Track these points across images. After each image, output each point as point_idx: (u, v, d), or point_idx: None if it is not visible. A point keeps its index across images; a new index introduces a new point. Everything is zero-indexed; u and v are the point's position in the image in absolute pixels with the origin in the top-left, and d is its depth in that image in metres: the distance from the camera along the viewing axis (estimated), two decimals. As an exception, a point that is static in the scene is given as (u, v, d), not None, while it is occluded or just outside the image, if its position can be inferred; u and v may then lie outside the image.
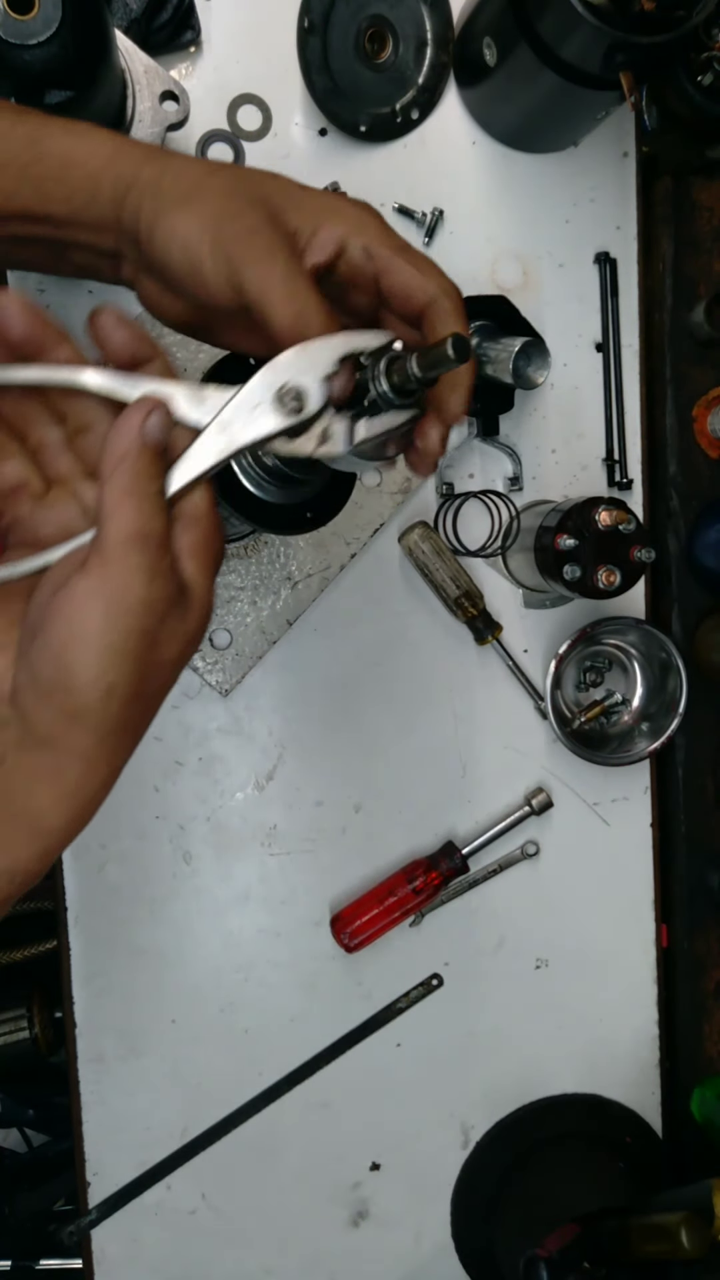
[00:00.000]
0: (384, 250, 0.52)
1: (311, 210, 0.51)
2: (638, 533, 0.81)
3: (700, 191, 0.91)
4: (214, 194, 0.49)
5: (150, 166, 0.50)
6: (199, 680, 0.88)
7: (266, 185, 0.51)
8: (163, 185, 0.50)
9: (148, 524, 0.43)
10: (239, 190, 0.50)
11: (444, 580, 0.88)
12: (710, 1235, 0.75)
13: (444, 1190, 0.95)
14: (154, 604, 0.43)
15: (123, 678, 0.43)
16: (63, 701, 0.43)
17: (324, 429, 0.48)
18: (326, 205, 0.52)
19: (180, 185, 0.49)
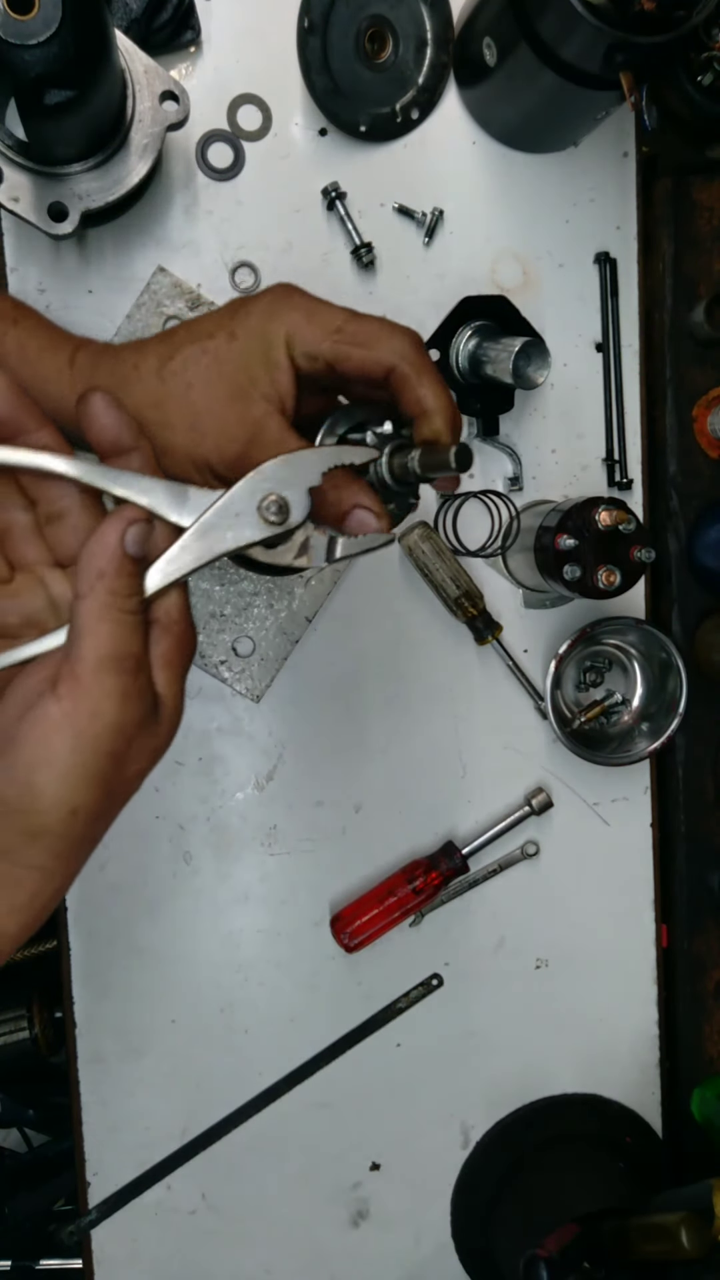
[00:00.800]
0: (321, 345, 0.52)
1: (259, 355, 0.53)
2: (638, 533, 0.81)
3: (700, 191, 0.91)
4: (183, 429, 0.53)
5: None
6: (228, 689, 0.88)
7: (220, 366, 0.53)
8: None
9: (123, 645, 0.42)
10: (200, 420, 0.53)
11: (444, 580, 0.88)
12: (710, 1235, 0.75)
13: (444, 1190, 0.95)
14: (125, 727, 0.42)
15: (88, 800, 0.42)
16: (24, 823, 0.42)
17: (304, 540, 0.48)
18: (258, 336, 0.53)
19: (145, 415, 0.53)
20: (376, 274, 0.87)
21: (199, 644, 0.86)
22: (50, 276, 0.83)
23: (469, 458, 0.49)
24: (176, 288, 0.83)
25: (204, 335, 0.54)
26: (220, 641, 0.87)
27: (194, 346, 0.54)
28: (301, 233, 0.86)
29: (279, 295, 0.53)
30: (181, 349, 0.54)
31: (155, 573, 0.44)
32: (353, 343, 0.51)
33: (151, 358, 0.55)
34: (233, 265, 0.86)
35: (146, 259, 0.85)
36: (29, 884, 0.43)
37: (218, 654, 0.87)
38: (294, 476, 0.46)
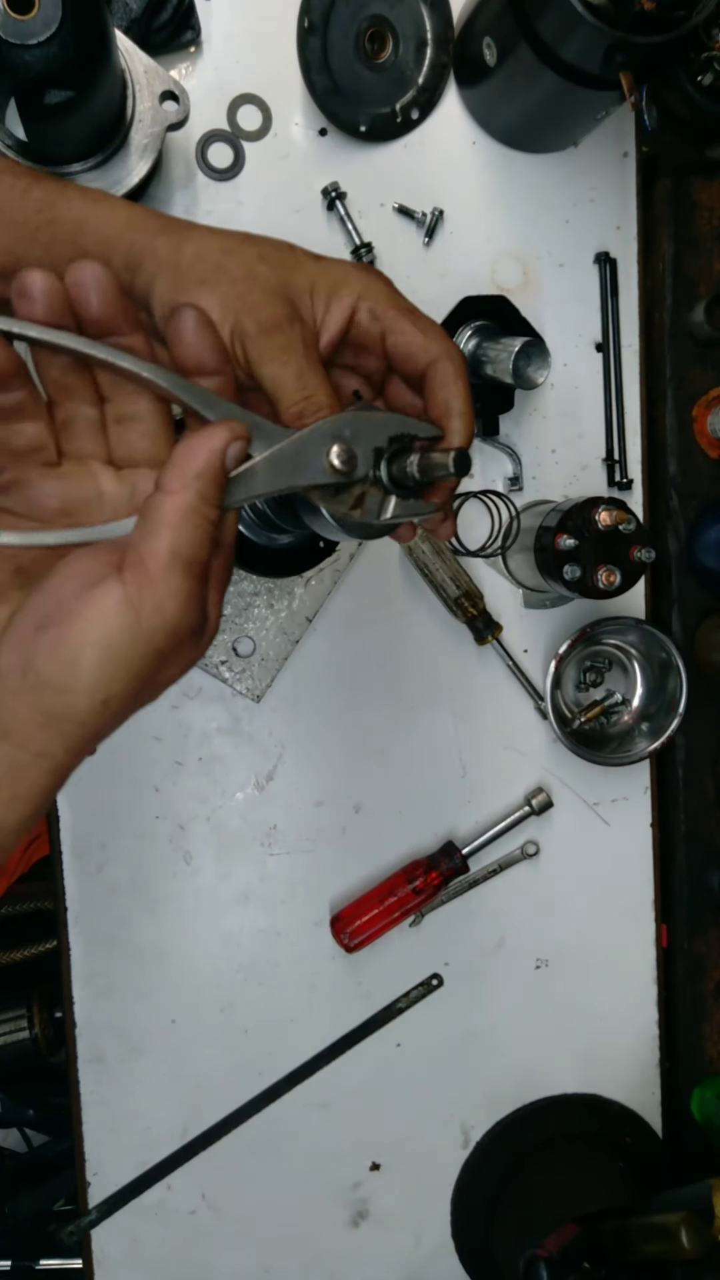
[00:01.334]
0: (389, 311, 0.54)
1: (324, 287, 0.53)
2: (638, 533, 0.81)
3: (700, 191, 0.91)
4: (232, 279, 0.51)
5: (166, 238, 0.52)
6: (228, 689, 0.88)
7: (281, 265, 0.53)
8: (180, 262, 0.51)
9: (198, 551, 0.42)
10: (257, 276, 0.51)
11: (444, 580, 0.88)
12: (710, 1235, 0.75)
13: (444, 1190, 0.95)
14: (180, 630, 0.42)
15: (122, 692, 0.42)
16: (51, 702, 0.41)
17: (361, 494, 0.49)
18: (336, 277, 0.54)
19: (199, 266, 0.51)
20: (376, 274, 0.87)
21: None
22: (50, 276, 0.83)
23: (467, 463, 0.50)
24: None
25: (273, 248, 0.54)
26: (220, 642, 0.87)
27: (253, 250, 0.53)
28: (301, 233, 0.86)
29: (365, 266, 0.56)
30: (240, 249, 0.53)
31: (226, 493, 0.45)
32: (413, 324, 0.54)
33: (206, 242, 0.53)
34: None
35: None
36: (33, 774, 0.42)
37: (218, 654, 0.87)
38: (365, 433, 0.48)
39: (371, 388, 0.58)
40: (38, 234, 0.51)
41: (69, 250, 0.51)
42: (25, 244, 0.51)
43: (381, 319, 0.54)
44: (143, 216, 0.53)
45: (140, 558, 0.41)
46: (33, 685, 0.41)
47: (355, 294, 0.54)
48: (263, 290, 0.51)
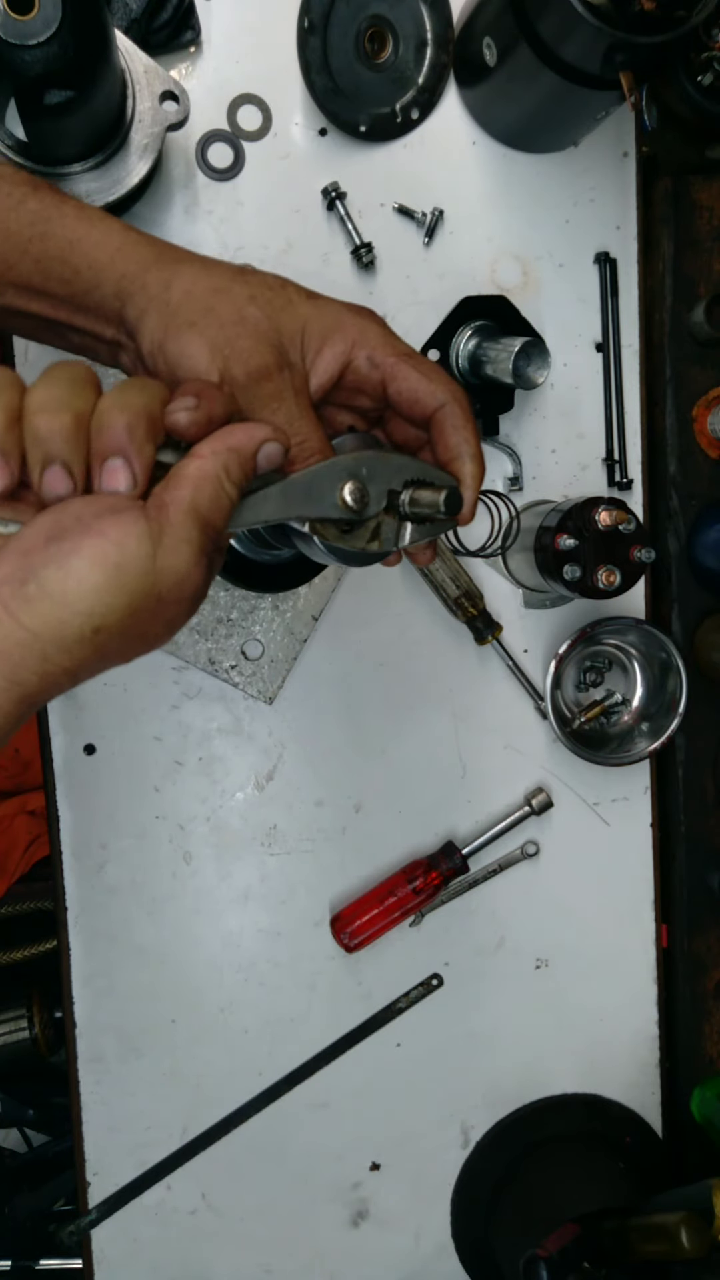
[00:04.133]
0: (389, 359, 0.54)
1: (316, 331, 0.53)
2: (638, 533, 0.81)
3: (700, 191, 0.91)
4: (221, 323, 0.50)
5: (156, 274, 0.51)
6: (229, 688, 0.88)
7: (272, 306, 0.52)
8: (170, 301, 0.51)
9: (214, 515, 0.45)
10: (246, 319, 0.51)
11: (444, 580, 0.88)
12: (710, 1235, 0.75)
13: (444, 1190, 0.95)
14: (184, 583, 0.44)
15: (112, 628, 0.42)
16: (44, 615, 0.41)
17: (375, 527, 0.51)
18: (329, 321, 0.53)
19: (188, 307, 0.51)
20: (376, 274, 0.87)
21: (210, 651, 0.86)
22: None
23: (458, 503, 0.51)
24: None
25: (264, 287, 0.53)
26: (229, 646, 0.87)
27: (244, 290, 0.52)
28: (301, 233, 0.86)
29: (359, 309, 0.55)
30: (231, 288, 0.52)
31: (237, 510, 0.47)
32: (415, 370, 0.54)
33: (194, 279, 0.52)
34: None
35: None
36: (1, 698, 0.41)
37: (228, 659, 0.87)
38: (382, 474, 0.50)
39: (366, 422, 0.58)
40: (29, 246, 0.51)
41: (60, 269, 0.51)
42: (16, 254, 0.51)
43: (381, 366, 0.54)
44: (135, 244, 0.52)
45: (162, 503, 0.43)
46: (30, 596, 0.41)
47: (350, 340, 0.54)
48: (252, 335, 0.51)
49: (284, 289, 0.53)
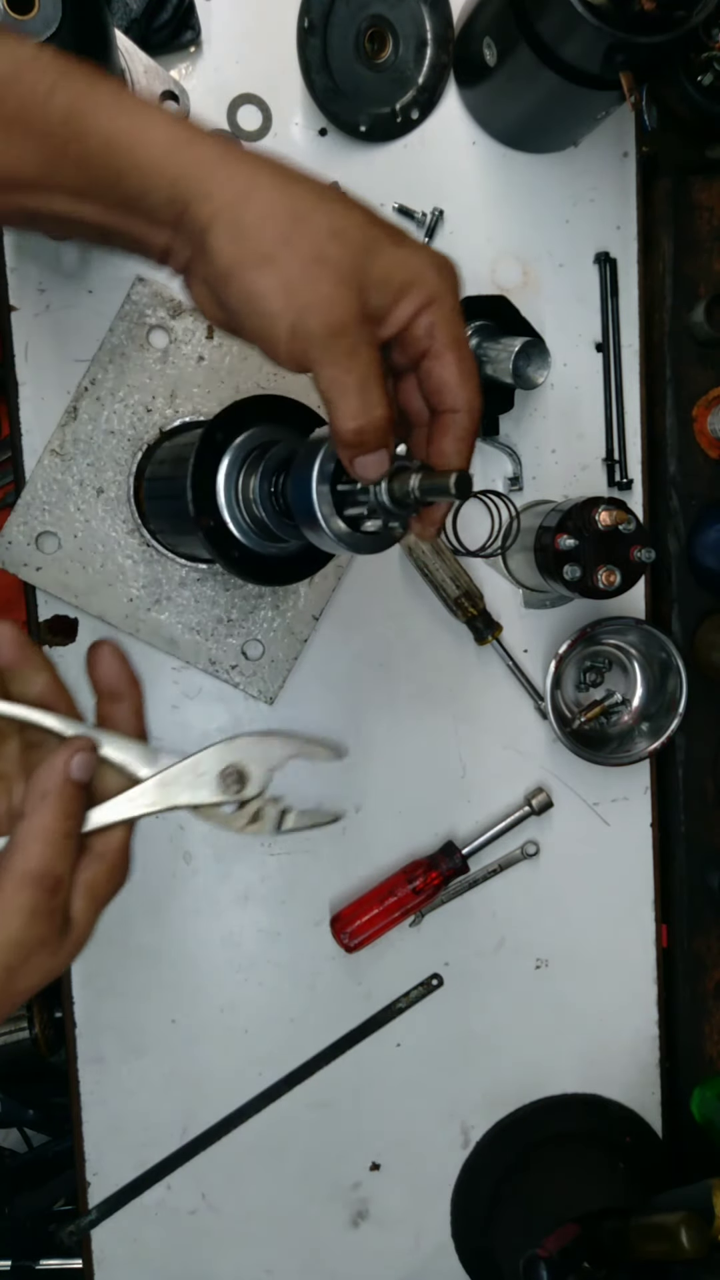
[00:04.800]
0: (445, 335, 0.51)
1: (398, 279, 0.48)
2: (638, 533, 0.81)
3: (700, 191, 0.91)
4: (301, 260, 0.46)
5: (227, 177, 0.45)
6: (229, 689, 0.88)
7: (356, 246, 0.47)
8: (244, 220, 0.45)
9: (50, 865, 0.45)
10: (327, 259, 0.46)
11: (444, 580, 0.88)
12: (710, 1235, 0.75)
13: (444, 1190, 0.95)
14: (25, 943, 0.45)
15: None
16: None
17: (258, 810, 0.53)
18: (413, 271, 0.49)
19: (263, 233, 0.46)
20: (376, 274, 0.87)
21: (210, 652, 0.86)
22: (50, 276, 0.83)
23: (469, 485, 0.50)
24: (157, 296, 0.83)
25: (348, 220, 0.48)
26: (229, 646, 0.87)
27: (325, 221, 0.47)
28: (301, 233, 0.86)
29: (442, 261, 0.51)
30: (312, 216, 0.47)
31: (108, 808, 0.49)
32: (457, 364, 0.51)
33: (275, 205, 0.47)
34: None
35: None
36: None
37: (228, 659, 0.87)
38: (262, 756, 0.52)
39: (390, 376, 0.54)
40: (67, 149, 0.45)
41: (105, 174, 0.45)
42: (56, 158, 0.45)
43: (435, 340, 0.50)
44: (188, 141, 0.45)
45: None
46: None
47: (425, 298, 0.49)
48: (333, 279, 0.46)
49: (370, 226, 0.48)
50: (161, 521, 0.83)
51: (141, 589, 0.84)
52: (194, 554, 0.84)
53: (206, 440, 0.62)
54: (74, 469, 0.83)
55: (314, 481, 0.54)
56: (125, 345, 0.83)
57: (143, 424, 0.84)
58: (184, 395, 0.84)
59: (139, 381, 0.83)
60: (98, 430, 0.83)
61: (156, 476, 0.82)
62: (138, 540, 0.84)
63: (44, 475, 0.83)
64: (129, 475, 0.83)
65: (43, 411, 0.84)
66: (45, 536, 0.83)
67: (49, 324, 0.83)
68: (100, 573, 0.84)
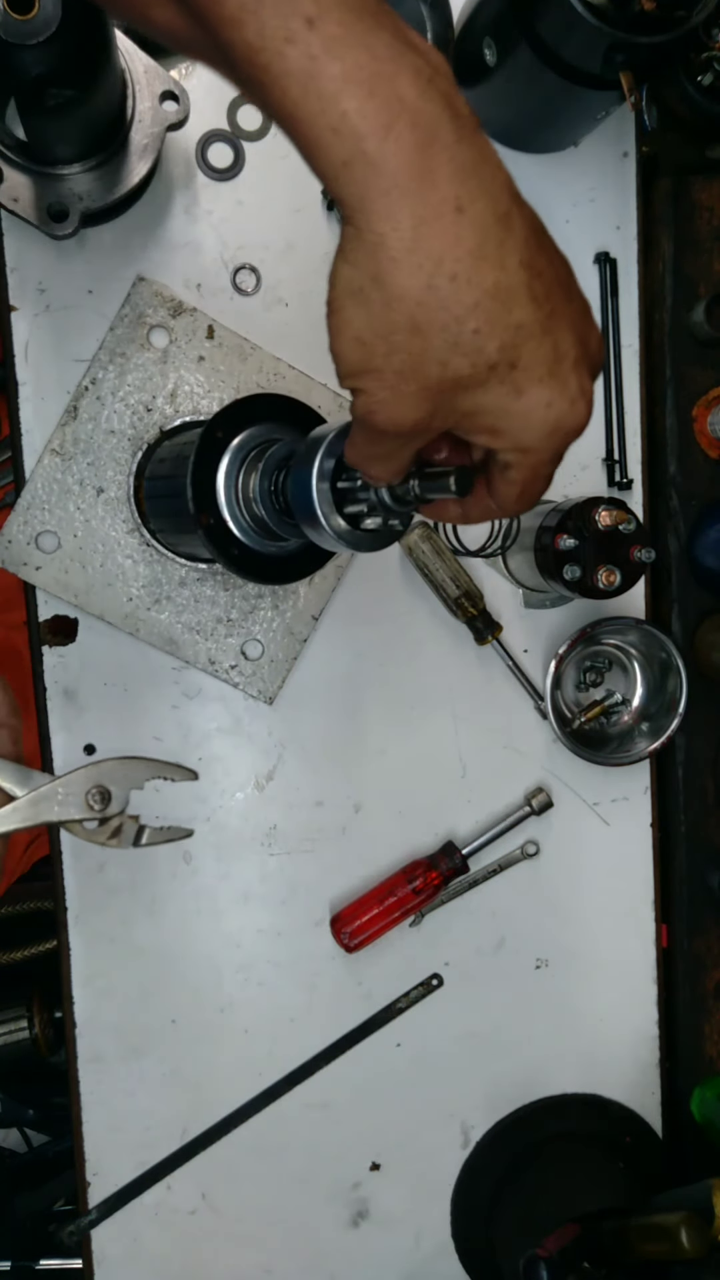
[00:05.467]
0: (519, 479, 0.46)
1: (490, 416, 0.42)
2: (638, 533, 0.81)
3: (700, 191, 0.91)
4: (393, 335, 0.40)
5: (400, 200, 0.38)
6: (229, 689, 0.88)
7: (475, 362, 0.40)
8: (389, 239, 0.38)
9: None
10: (427, 352, 0.40)
11: (444, 580, 0.88)
12: (710, 1235, 0.75)
13: (444, 1190, 0.95)
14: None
15: None
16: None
17: (119, 825, 0.60)
18: (522, 421, 0.43)
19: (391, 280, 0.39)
20: (376, 274, 0.87)
21: (210, 651, 0.86)
22: (50, 276, 0.83)
23: (469, 483, 0.50)
24: (157, 296, 0.83)
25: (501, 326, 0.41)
26: (229, 646, 0.87)
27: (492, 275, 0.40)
28: (302, 233, 0.86)
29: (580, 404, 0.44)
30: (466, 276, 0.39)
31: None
32: (520, 497, 0.48)
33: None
34: (234, 266, 0.86)
35: (147, 259, 0.85)
36: None
37: (228, 659, 0.87)
38: (125, 776, 0.59)
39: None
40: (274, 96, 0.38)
41: (289, 126, 0.39)
42: (242, 85, 0.39)
43: (509, 474, 0.46)
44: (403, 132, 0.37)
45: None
46: None
47: (514, 450, 0.44)
48: (406, 397, 0.40)
49: (492, 371, 0.41)
50: (161, 521, 0.83)
51: (141, 588, 0.84)
52: (194, 553, 0.84)
53: (206, 439, 0.62)
54: (74, 469, 0.83)
55: (314, 479, 0.54)
56: (125, 345, 0.83)
57: (143, 424, 0.84)
58: (184, 395, 0.84)
59: (139, 381, 0.83)
60: (98, 430, 0.83)
61: (156, 476, 0.82)
62: (138, 540, 0.84)
63: (44, 475, 0.83)
64: (129, 475, 0.84)
65: (43, 411, 0.84)
66: (45, 536, 0.83)
67: (49, 324, 0.83)
68: (100, 572, 0.84)
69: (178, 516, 0.78)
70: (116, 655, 0.86)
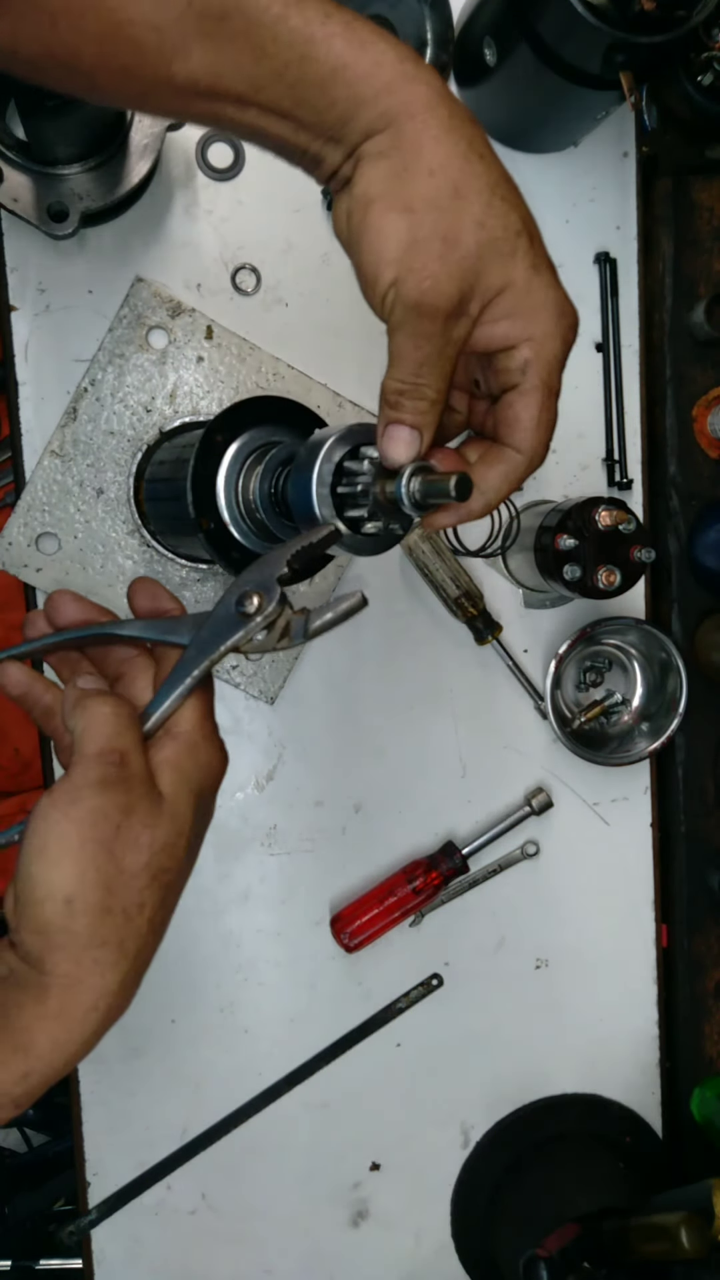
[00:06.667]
0: (537, 377, 0.51)
1: (511, 301, 0.49)
2: (638, 533, 0.81)
3: (700, 191, 0.91)
4: (433, 228, 0.46)
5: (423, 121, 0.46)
6: (230, 688, 0.88)
7: (493, 248, 0.48)
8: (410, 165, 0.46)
9: (109, 742, 0.46)
10: (458, 245, 0.47)
11: (444, 580, 0.88)
12: (710, 1235, 0.75)
13: (444, 1190, 0.95)
14: (105, 811, 0.44)
15: (81, 888, 0.43)
16: (33, 917, 0.44)
17: (285, 624, 0.53)
18: (533, 303, 0.50)
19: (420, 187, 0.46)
20: (376, 274, 0.87)
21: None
22: (50, 276, 0.83)
23: (469, 487, 0.50)
24: (156, 296, 0.83)
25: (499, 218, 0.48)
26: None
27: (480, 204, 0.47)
28: (302, 233, 0.86)
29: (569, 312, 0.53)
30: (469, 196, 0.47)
31: (166, 692, 0.50)
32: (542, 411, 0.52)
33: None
34: (233, 266, 0.86)
35: (147, 259, 0.85)
36: (55, 995, 0.44)
37: (228, 659, 0.87)
38: (263, 573, 0.52)
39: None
40: (285, 70, 0.45)
41: (316, 97, 0.46)
42: (271, 78, 0.46)
43: (526, 378, 0.51)
44: (410, 80, 0.46)
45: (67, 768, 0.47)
46: (21, 906, 0.45)
47: (531, 335, 0.50)
48: (448, 264, 0.46)
49: (518, 237, 0.48)
50: (161, 522, 0.83)
51: (141, 589, 0.84)
52: (194, 555, 0.84)
53: (206, 442, 0.62)
54: (74, 470, 0.83)
55: (314, 483, 0.54)
56: (125, 345, 0.83)
57: (142, 424, 0.84)
58: (183, 395, 0.84)
59: (139, 382, 0.83)
60: (97, 431, 0.83)
61: (156, 478, 0.82)
62: (138, 541, 0.84)
63: (44, 476, 0.83)
64: (129, 476, 0.83)
65: (43, 411, 0.84)
66: (45, 537, 0.83)
67: (49, 324, 0.83)
68: (100, 573, 0.84)
69: (178, 519, 0.78)
70: (116, 655, 0.86)
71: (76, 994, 0.45)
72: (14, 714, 1.34)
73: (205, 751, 0.49)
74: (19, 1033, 0.44)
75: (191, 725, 0.49)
